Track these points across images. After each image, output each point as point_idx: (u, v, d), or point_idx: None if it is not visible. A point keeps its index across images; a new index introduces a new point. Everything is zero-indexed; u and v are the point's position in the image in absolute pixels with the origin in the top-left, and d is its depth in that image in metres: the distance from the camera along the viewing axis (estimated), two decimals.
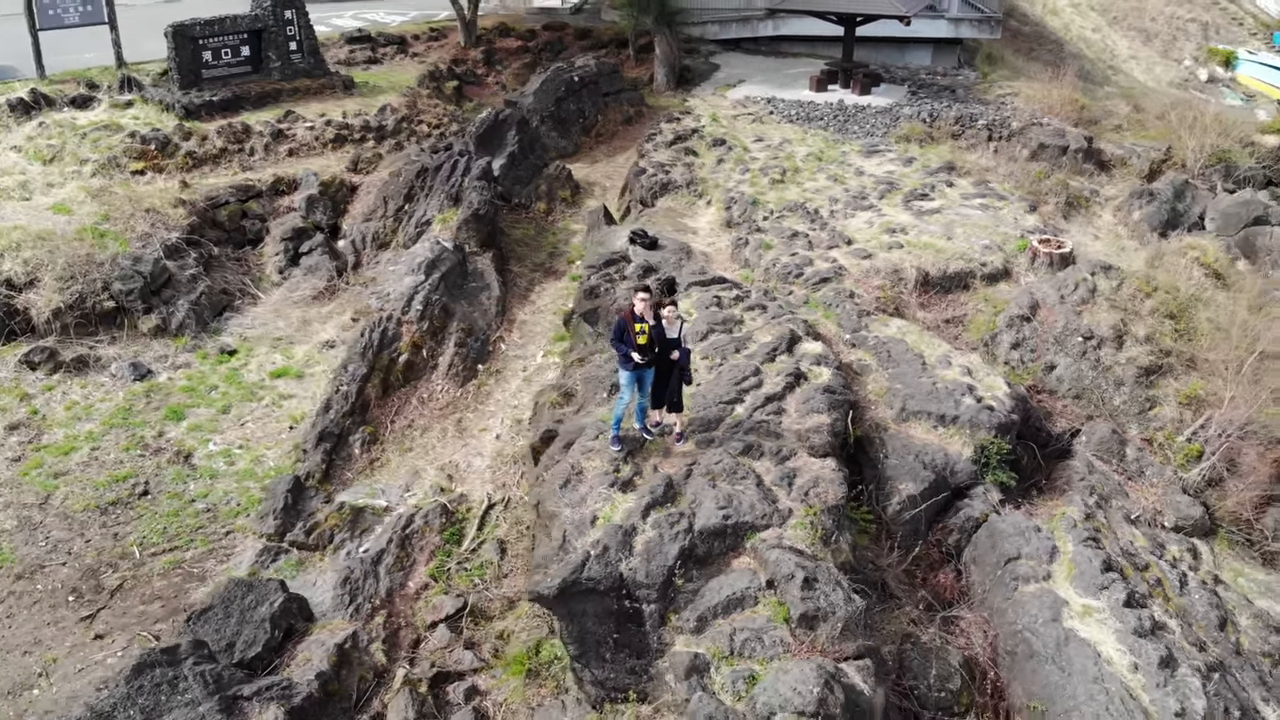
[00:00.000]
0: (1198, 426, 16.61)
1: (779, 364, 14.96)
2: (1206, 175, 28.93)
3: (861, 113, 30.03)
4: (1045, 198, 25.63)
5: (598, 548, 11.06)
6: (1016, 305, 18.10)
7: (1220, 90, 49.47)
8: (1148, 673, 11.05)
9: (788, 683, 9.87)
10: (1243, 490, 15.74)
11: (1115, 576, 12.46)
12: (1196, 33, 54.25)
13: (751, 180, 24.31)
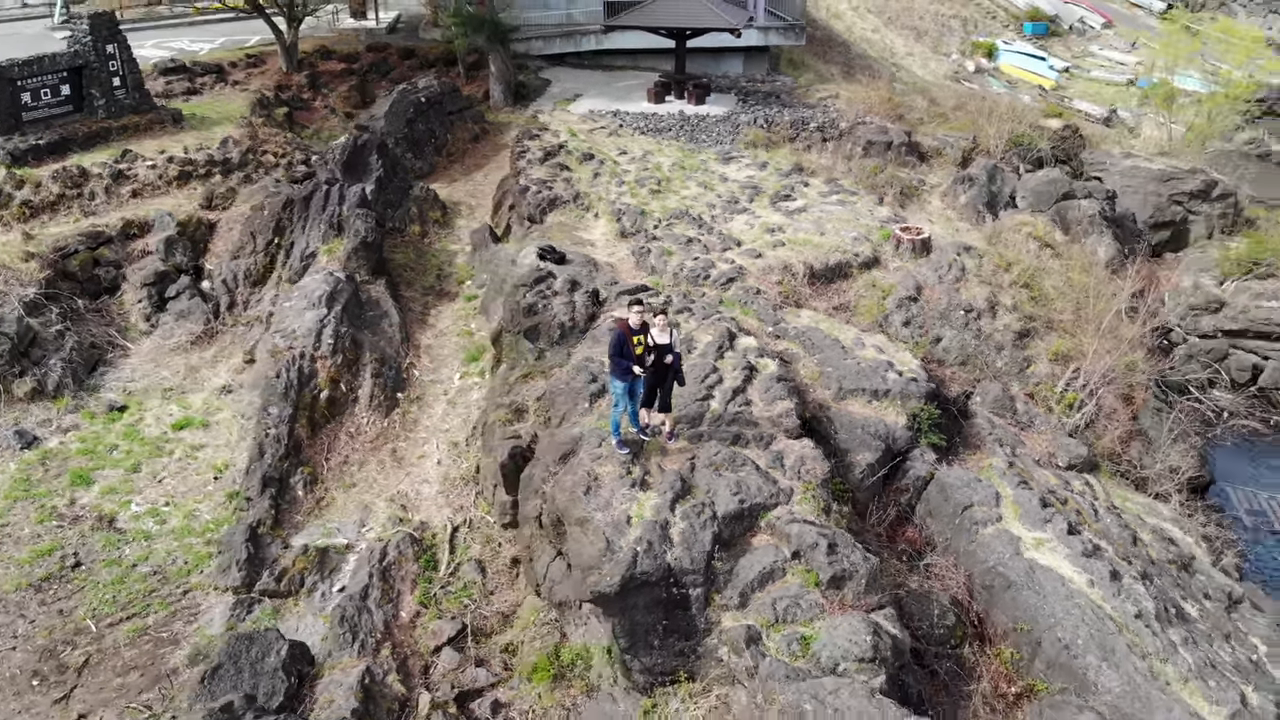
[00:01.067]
0: (1069, 378, 19.54)
1: (729, 360, 16.40)
2: (1008, 158, 33.02)
3: (703, 122, 32.08)
4: (883, 190, 28.56)
5: (642, 544, 12.04)
6: (903, 288, 20.47)
7: (987, 79, 55.67)
8: (1102, 586, 13.33)
9: (842, 636, 11.31)
10: (1114, 429, 18.73)
11: (1053, 511, 14.78)
12: (959, 28, 60.76)
13: (631, 191, 25.66)
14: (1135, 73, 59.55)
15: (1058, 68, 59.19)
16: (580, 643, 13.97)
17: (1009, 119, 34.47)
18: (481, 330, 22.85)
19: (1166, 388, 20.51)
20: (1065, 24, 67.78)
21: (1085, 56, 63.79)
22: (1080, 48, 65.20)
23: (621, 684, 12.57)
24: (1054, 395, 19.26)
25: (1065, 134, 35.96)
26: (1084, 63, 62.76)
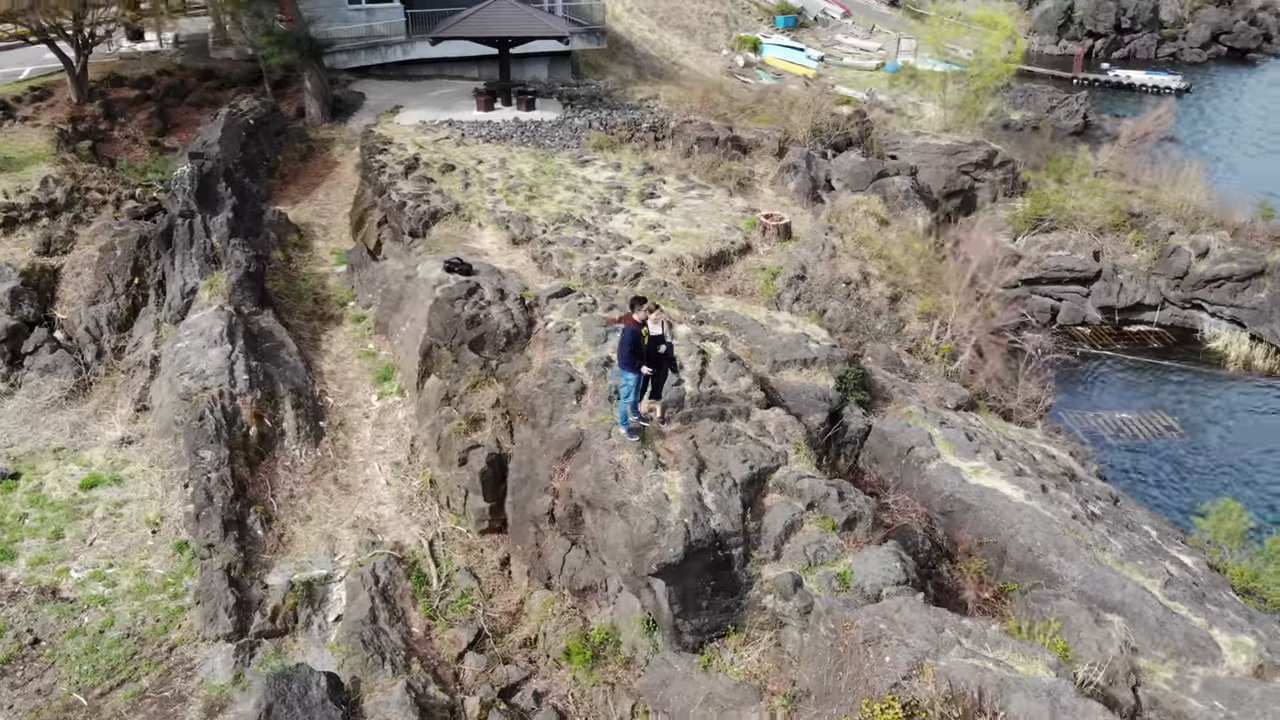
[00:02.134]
0: (938, 331, 22.56)
1: (680, 348, 17.90)
2: (814, 145, 36.48)
3: (540, 128, 33.19)
4: (723, 182, 30.95)
5: (688, 515, 13.34)
6: (790, 268, 22.75)
7: (756, 72, 60.01)
8: (1038, 498, 16.04)
9: (875, 568, 13.18)
10: (984, 372, 21.90)
11: (978, 444, 17.43)
12: (722, 24, 64.94)
13: (506, 199, 26.45)
14: (880, 58, 66.19)
15: (814, 57, 64.58)
16: (606, 623, 15.04)
17: (810, 110, 38.04)
18: (383, 350, 22.98)
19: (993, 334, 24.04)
20: (810, 15, 73.77)
21: (833, 45, 69.85)
22: (827, 37, 71.26)
23: (668, 647, 13.79)
24: (930, 348, 22.18)
25: (855, 119, 40.02)
26: (833, 51, 68.67)
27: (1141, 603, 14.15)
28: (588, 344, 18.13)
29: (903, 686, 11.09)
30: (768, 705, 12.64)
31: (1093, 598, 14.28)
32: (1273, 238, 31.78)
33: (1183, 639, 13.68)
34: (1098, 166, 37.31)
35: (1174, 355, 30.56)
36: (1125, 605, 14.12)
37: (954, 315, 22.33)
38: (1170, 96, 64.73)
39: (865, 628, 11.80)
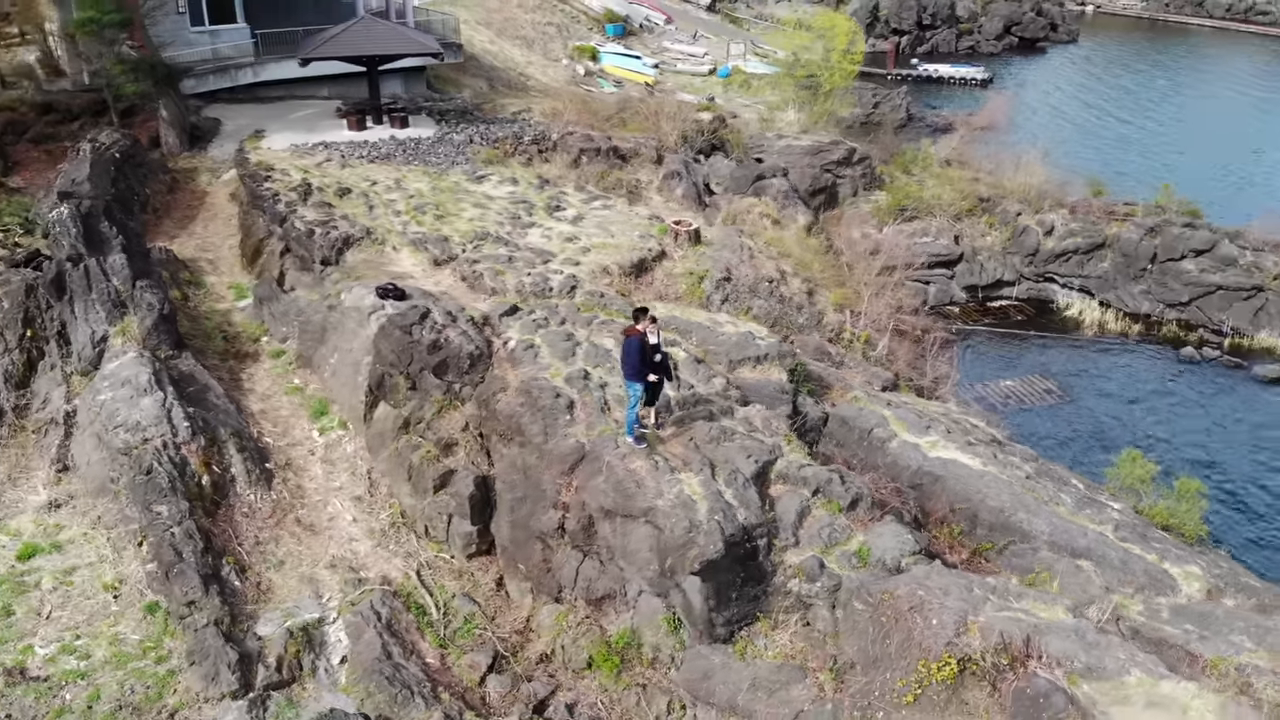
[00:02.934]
0: (852, 320, 24.21)
1: None
2: (684, 151, 37.85)
3: (420, 145, 32.91)
4: (615, 191, 31.75)
5: (718, 513, 14.05)
6: (716, 271, 23.82)
7: (598, 80, 61.16)
8: (993, 464, 17.72)
9: (889, 542, 14.36)
10: (900, 355, 23.69)
11: (927, 421, 19.00)
12: (557, 34, 65.70)
13: (415, 220, 26.23)
14: (708, 63, 68.77)
15: (650, 64, 66.36)
16: (626, 627, 15.53)
17: (676, 118, 39.40)
18: (311, 384, 22.49)
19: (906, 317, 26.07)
20: (635, 23, 75.65)
21: (661, 52, 71.92)
22: (655, 44, 73.32)
23: (699, 641, 14.46)
24: (850, 336, 23.79)
25: (715, 124, 41.72)
26: (663, 58, 70.72)
27: (1103, 546, 15.96)
28: (558, 359, 18.49)
29: (955, 644, 12.23)
30: (813, 681, 13.53)
31: (1062, 547, 15.98)
32: (1107, 212, 35.59)
33: (1143, 574, 15.55)
34: (941, 157, 40.49)
35: (1036, 325, 33.76)
36: (1090, 550, 15.89)
37: (865, 304, 24.03)
38: (976, 87, 70.67)
39: (907, 596, 12.88)
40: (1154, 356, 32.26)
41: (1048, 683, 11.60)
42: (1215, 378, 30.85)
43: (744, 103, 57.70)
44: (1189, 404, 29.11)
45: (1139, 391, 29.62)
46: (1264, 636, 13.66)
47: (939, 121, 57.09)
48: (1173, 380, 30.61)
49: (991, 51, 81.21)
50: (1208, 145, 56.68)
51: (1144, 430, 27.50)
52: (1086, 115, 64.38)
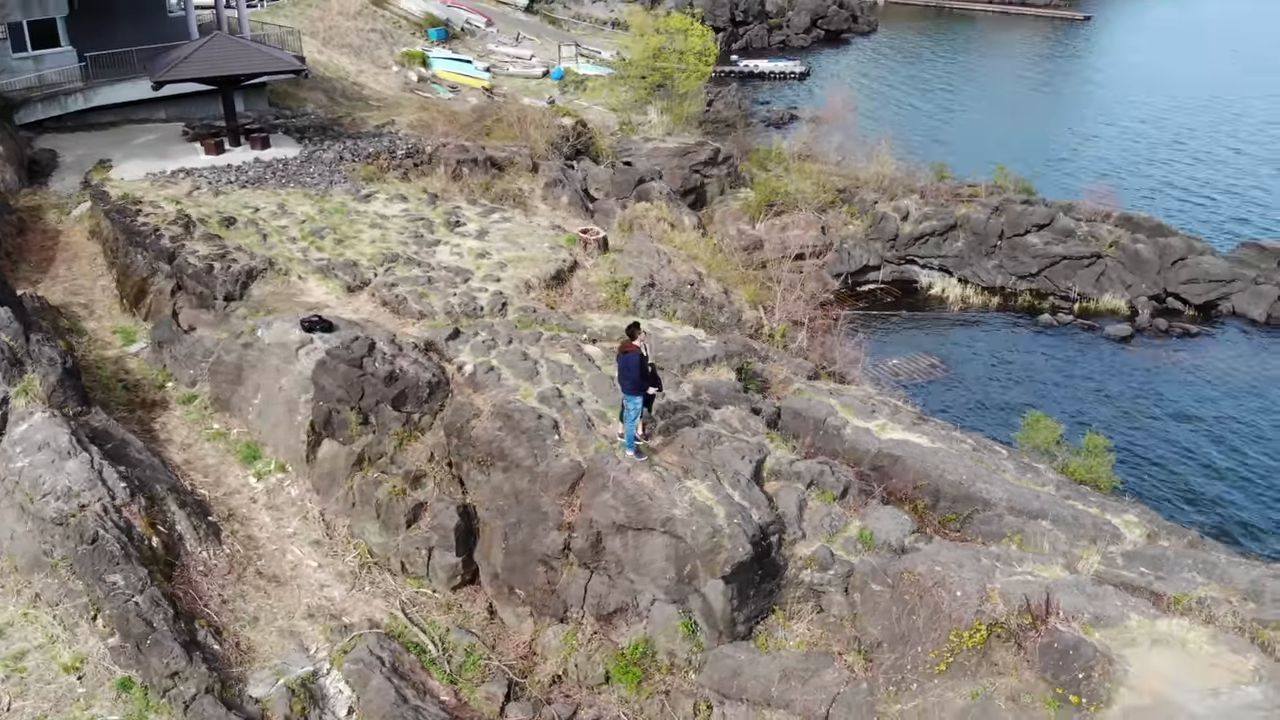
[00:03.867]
0: (767, 316, 25.30)
1: (611, 368, 18.92)
2: (555, 158, 38.05)
3: (288, 166, 31.62)
4: (502, 202, 31.63)
5: (736, 516, 14.60)
6: (639, 278, 24.30)
7: (433, 87, 60.11)
8: (940, 440, 19.11)
9: (888, 523, 15.37)
10: (817, 344, 24.98)
11: (871, 406, 20.24)
12: (381, 41, 64.01)
13: (315, 246, 25.29)
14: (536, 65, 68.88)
15: (482, 69, 65.85)
16: (639, 637, 15.86)
17: (541, 124, 39.49)
18: (235, 428, 21.48)
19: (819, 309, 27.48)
20: (457, 26, 74.82)
21: (488, 55, 71.47)
22: (480, 47, 72.75)
23: (719, 642, 15.01)
24: (768, 331, 24.86)
25: (578, 129, 42.10)
26: (492, 61, 70.32)
27: (1055, 506, 17.58)
28: (523, 380, 18.51)
29: (982, 611, 13.32)
30: (842, 664, 14.35)
31: (1020, 510, 17.48)
32: (953, 194, 38.45)
33: (1093, 527, 17.26)
34: (794, 152, 42.47)
35: (905, 305, 36.14)
36: (1045, 511, 17.47)
37: (779, 299, 25.18)
38: (795, 80, 74.08)
39: (928, 573, 13.88)
40: (1016, 325, 35.28)
41: (1074, 636, 12.85)
42: (1073, 340, 34.13)
43: (583, 104, 58.28)
44: (1056, 366, 32.09)
45: (1010, 359, 32.37)
46: (1211, 571, 15.52)
47: (773, 116, 59.64)
48: (1037, 346, 33.61)
49: (801, 45, 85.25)
50: (1015, 124, 62.00)
51: (1024, 395, 30.13)
52: (900, 103, 68.85)
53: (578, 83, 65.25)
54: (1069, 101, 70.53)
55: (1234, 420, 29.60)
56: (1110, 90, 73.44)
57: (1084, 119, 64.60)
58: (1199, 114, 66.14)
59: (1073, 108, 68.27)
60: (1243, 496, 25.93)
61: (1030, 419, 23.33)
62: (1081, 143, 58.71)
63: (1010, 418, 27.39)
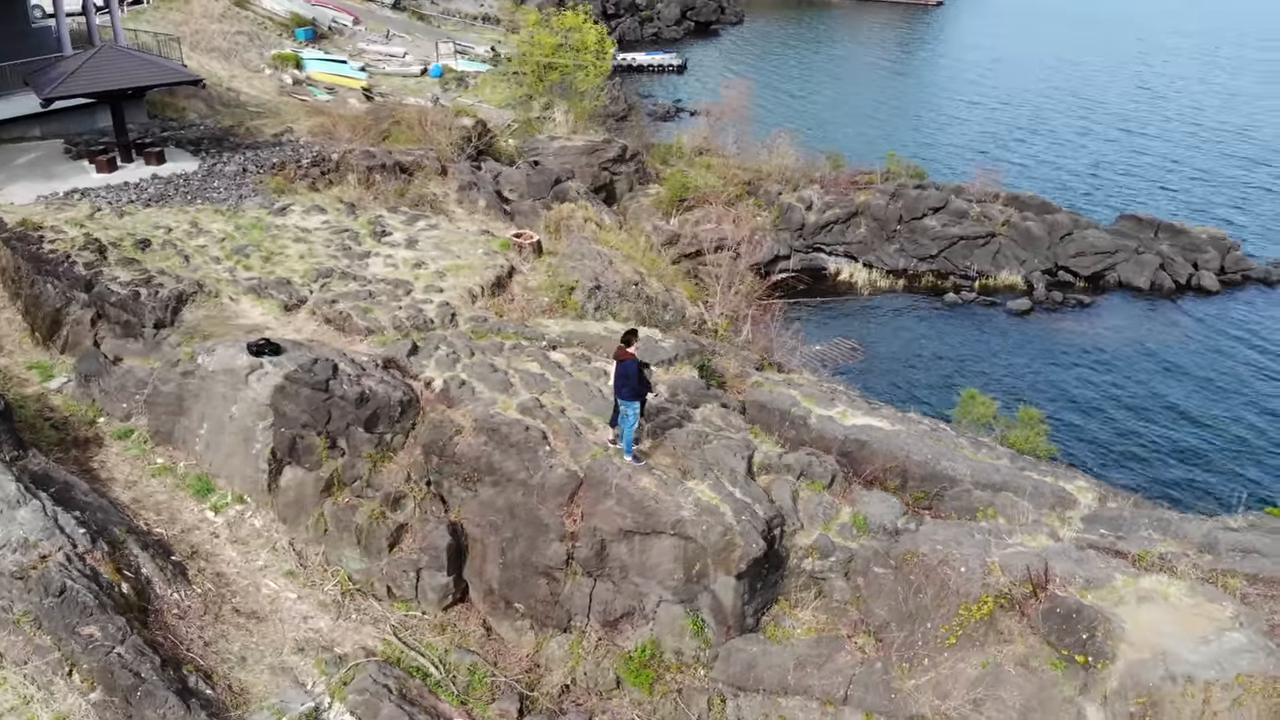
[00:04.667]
0: (707, 312, 25.84)
1: (583, 371, 19.06)
2: (462, 160, 37.60)
3: (190, 181, 30.28)
4: (417, 208, 31.12)
5: (744, 514, 15.01)
6: (585, 281, 24.42)
7: (309, 89, 58.21)
8: (897, 423, 19.99)
9: (878, 508, 16.10)
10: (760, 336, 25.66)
11: (830, 394, 21.01)
12: (249, 43, 61.54)
13: (242, 265, 24.37)
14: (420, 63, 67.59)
15: (357, 68, 64.17)
16: (647, 639, 16.12)
17: (442, 126, 38.93)
18: (181, 462, 20.65)
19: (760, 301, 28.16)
20: (324, 25, 72.67)
21: (359, 54, 69.67)
22: (350, 46, 70.85)
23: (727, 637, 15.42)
24: (711, 326, 25.40)
25: (479, 129, 41.67)
26: (364, 60, 68.60)
27: (1016, 478, 18.67)
28: (498, 392, 18.42)
29: (988, 584, 14.15)
30: (853, 646, 14.98)
31: (985, 484, 18.49)
32: (851, 182, 39.88)
33: (1051, 495, 18.42)
34: (693, 146, 43.17)
35: (817, 292, 37.33)
36: (1008, 483, 18.52)
37: (719, 295, 25.74)
38: (673, 73, 75.02)
39: (930, 553, 14.63)
40: (923, 305, 36.96)
41: (1075, 600, 13.82)
42: (978, 317, 36.03)
43: (467, 102, 57.60)
44: (966, 343, 33.86)
45: (923, 338, 33.95)
46: (1165, 528, 16.82)
47: (659, 110, 60.30)
48: (946, 324, 35.35)
49: (674, 37, 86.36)
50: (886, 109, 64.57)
51: (942, 372, 31.71)
52: (776, 90, 70.65)
53: (458, 80, 64.40)
54: (932, 85, 73.95)
55: (1134, 384, 31.95)
56: (970, 73, 77.33)
57: (950, 102, 67.87)
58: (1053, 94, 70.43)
59: (937, 91, 71.65)
60: (1155, 455, 28.09)
61: (965, 395, 24.62)
62: (949, 124, 61.72)
63: (934, 395, 28.79)
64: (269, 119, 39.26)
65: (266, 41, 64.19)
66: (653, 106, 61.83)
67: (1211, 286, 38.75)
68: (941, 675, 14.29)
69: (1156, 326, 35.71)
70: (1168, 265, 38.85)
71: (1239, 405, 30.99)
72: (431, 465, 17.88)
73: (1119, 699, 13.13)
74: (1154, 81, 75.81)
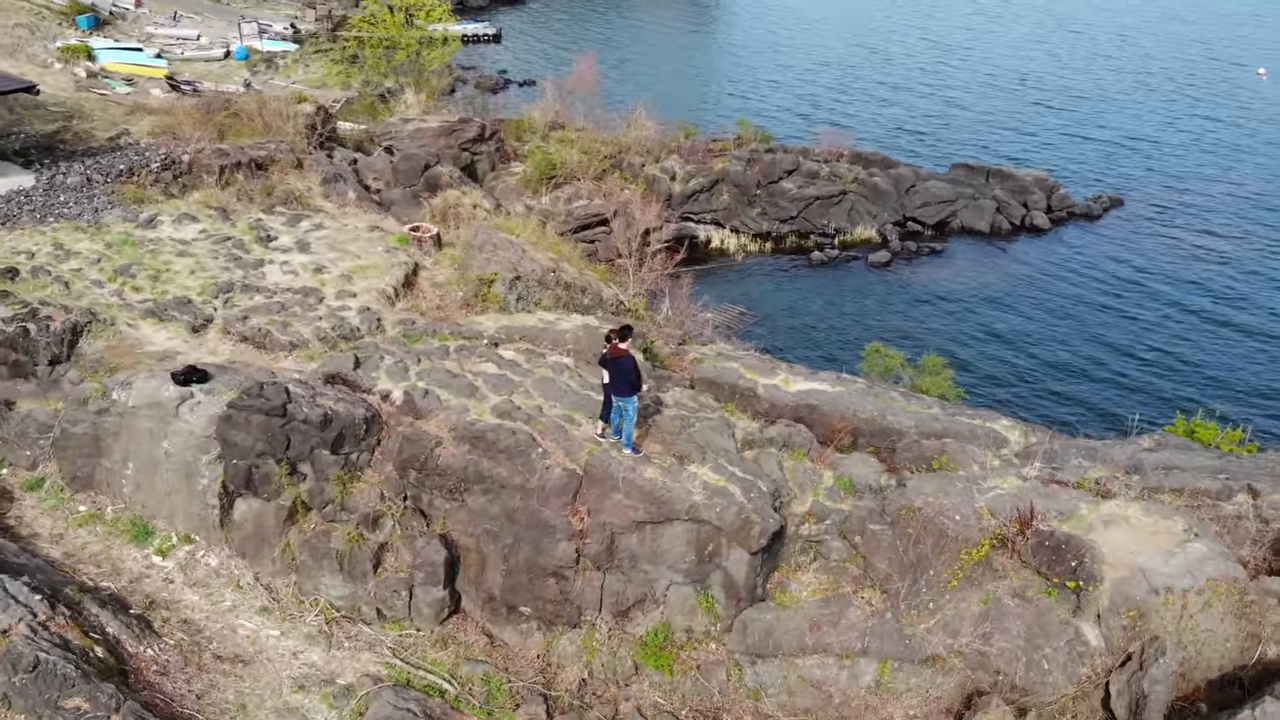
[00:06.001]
0: (622, 293, 26.14)
1: (544, 367, 19.06)
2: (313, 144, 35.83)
3: (31, 198, 27.40)
4: (290, 205, 29.59)
5: (751, 491, 15.58)
6: (504, 272, 24.12)
7: (108, 82, 53.49)
8: (839, 384, 21.12)
9: (859, 469, 17.13)
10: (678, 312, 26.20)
11: (769, 364, 21.87)
12: (31, 36, 55.71)
13: (131, 287, 22.55)
14: (222, 45, 63.39)
15: (153, 55, 59.56)
16: (660, 622, 16.52)
17: (284, 115, 36.91)
18: (108, 506, 19.27)
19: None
20: (104, 10, 66.93)
21: (150, 40, 64.64)
22: (138, 32, 65.58)
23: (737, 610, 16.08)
24: (628, 307, 25.70)
25: (321, 115, 39.73)
26: (153, 45, 63.77)
27: (951, 424, 20.18)
28: (466, 398, 18.13)
29: (983, 528, 15.40)
30: (861, 600, 15.95)
31: (929, 433, 19.88)
32: (708, 151, 40.84)
33: (985, 437, 20.06)
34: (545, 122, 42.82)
35: (692, 261, 38.06)
36: (948, 430, 20.01)
37: (632, 273, 26.03)
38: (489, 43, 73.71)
39: (924, 505, 15.73)
40: (793, 265, 38.57)
41: (1062, 532, 15.26)
42: (845, 272, 38.01)
43: (281, 84, 54.73)
44: (840, 297, 35.71)
45: (800, 296, 35.55)
46: (1093, 455, 18.71)
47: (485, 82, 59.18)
48: (817, 281, 37.12)
49: (480, 5, 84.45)
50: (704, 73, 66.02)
51: (828, 327, 33.39)
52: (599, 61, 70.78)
53: (266, 61, 60.90)
54: (743, 50, 76.12)
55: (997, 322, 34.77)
56: (775, 35, 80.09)
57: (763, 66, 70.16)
58: (861, 53, 74.05)
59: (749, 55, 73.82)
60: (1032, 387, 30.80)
61: (870, 349, 26.13)
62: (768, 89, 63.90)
63: (831, 351, 30.29)
64: (87, 120, 35.89)
65: (48, 33, 58.37)
66: (479, 79, 60.63)
67: (1043, 225, 42.59)
68: (948, 616, 15.49)
69: (1003, 266, 38.92)
70: (1003, 208, 42.30)
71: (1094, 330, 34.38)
72: (409, 480, 17.44)
73: (1111, 615, 14.70)
74: (946, 36, 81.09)
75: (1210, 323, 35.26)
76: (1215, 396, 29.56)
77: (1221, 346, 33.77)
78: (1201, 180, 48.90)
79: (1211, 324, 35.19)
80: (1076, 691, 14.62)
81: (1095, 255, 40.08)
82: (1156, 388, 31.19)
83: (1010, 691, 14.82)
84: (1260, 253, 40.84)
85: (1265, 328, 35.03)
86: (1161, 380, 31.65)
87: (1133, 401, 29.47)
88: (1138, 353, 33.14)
